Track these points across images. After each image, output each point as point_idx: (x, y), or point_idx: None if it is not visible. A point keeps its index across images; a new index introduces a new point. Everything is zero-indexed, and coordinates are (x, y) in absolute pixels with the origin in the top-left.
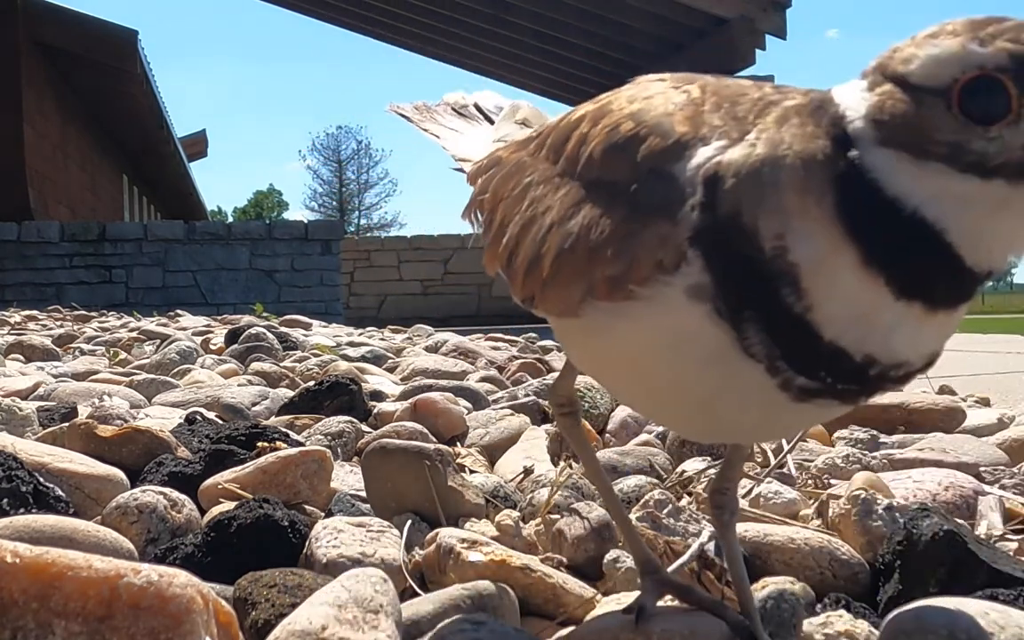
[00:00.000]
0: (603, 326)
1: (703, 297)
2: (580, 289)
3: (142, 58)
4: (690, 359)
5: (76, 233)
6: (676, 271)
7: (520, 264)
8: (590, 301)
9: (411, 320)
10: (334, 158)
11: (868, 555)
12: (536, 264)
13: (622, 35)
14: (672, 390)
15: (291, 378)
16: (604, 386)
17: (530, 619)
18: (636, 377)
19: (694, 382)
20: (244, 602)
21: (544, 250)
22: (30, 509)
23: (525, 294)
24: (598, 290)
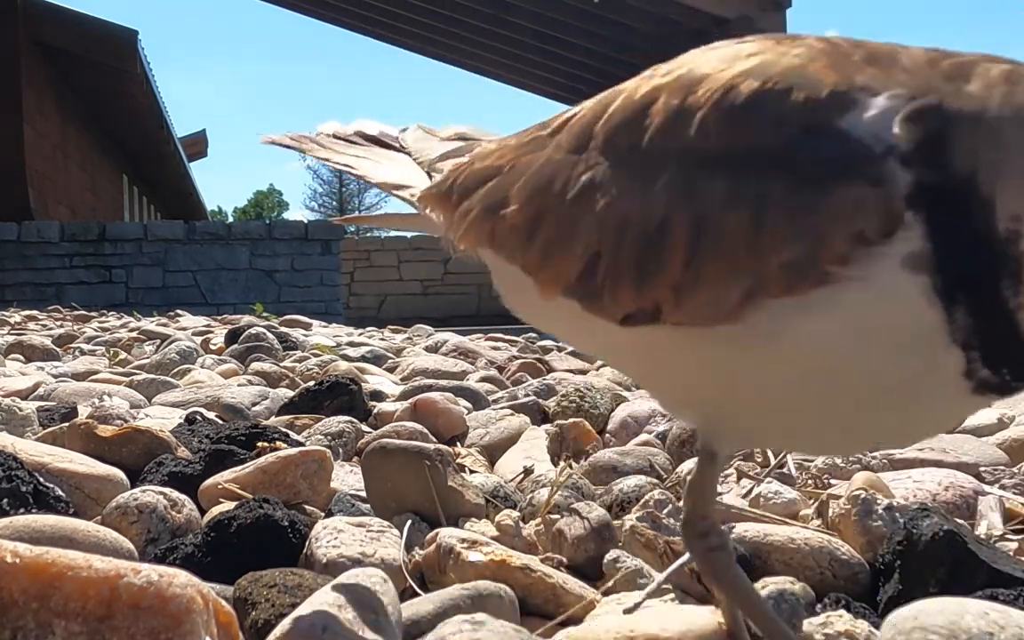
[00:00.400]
0: (775, 328)
1: (922, 268)
2: (740, 287)
3: (142, 58)
4: (893, 347)
5: (76, 233)
6: (888, 239)
7: (621, 273)
8: (756, 300)
9: (411, 320)
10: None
11: (868, 555)
12: (654, 268)
13: (622, 35)
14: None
15: (291, 378)
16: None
17: (530, 619)
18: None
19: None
20: (244, 602)
21: (665, 248)
22: (30, 509)
23: (638, 306)
24: (771, 283)
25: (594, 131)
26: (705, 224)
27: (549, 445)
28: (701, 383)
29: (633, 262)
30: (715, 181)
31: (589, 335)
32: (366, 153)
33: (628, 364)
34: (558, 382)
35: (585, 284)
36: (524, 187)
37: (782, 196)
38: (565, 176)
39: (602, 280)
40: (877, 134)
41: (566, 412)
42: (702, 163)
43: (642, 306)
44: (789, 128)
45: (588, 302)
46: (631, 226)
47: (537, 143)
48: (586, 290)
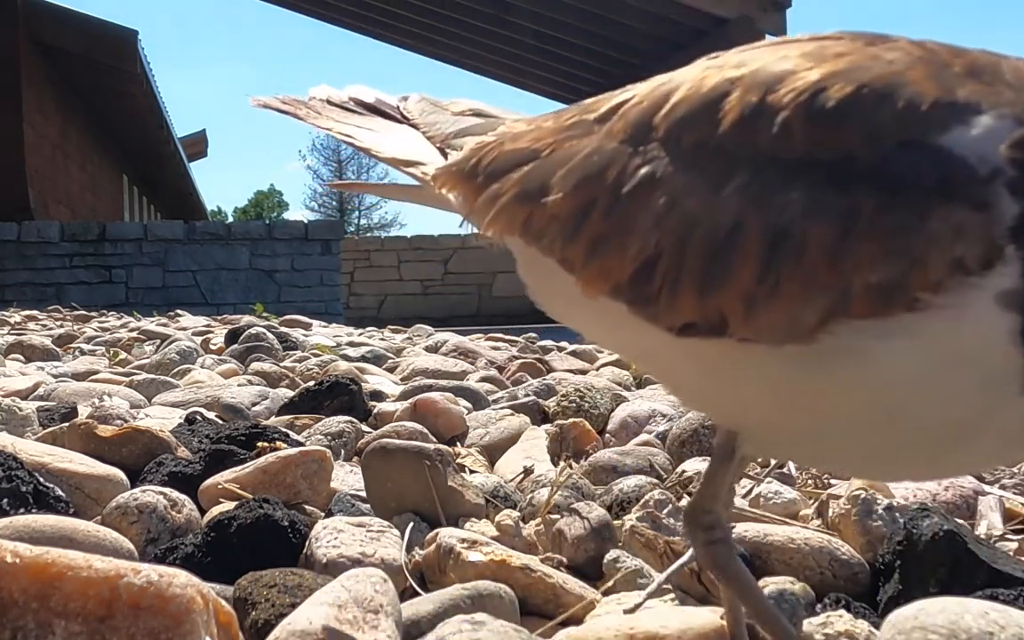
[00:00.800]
0: (851, 351)
1: (1014, 307)
2: (819, 305)
3: (142, 58)
4: (971, 384)
5: (76, 233)
6: (986, 271)
7: (683, 279)
8: (836, 320)
9: (411, 320)
10: (334, 158)
11: (868, 555)
12: (722, 277)
13: (622, 35)
14: (927, 424)
15: (291, 378)
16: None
17: (530, 619)
18: (874, 415)
19: (964, 413)
20: (244, 602)
21: (736, 256)
22: (30, 509)
23: (701, 316)
24: (856, 304)
25: (654, 121)
26: (783, 234)
27: (549, 445)
28: (757, 401)
29: (698, 268)
30: (795, 189)
31: (632, 340)
32: (369, 124)
33: (674, 375)
34: (558, 382)
35: (638, 287)
36: (569, 175)
37: (873, 212)
38: (620, 167)
39: (659, 284)
40: (982, 155)
41: (566, 412)
42: (781, 168)
43: (705, 316)
44: (884, 140)
45: (640, 306)
46: (697, 229)
47: (582, 128)
48: (639, 293)
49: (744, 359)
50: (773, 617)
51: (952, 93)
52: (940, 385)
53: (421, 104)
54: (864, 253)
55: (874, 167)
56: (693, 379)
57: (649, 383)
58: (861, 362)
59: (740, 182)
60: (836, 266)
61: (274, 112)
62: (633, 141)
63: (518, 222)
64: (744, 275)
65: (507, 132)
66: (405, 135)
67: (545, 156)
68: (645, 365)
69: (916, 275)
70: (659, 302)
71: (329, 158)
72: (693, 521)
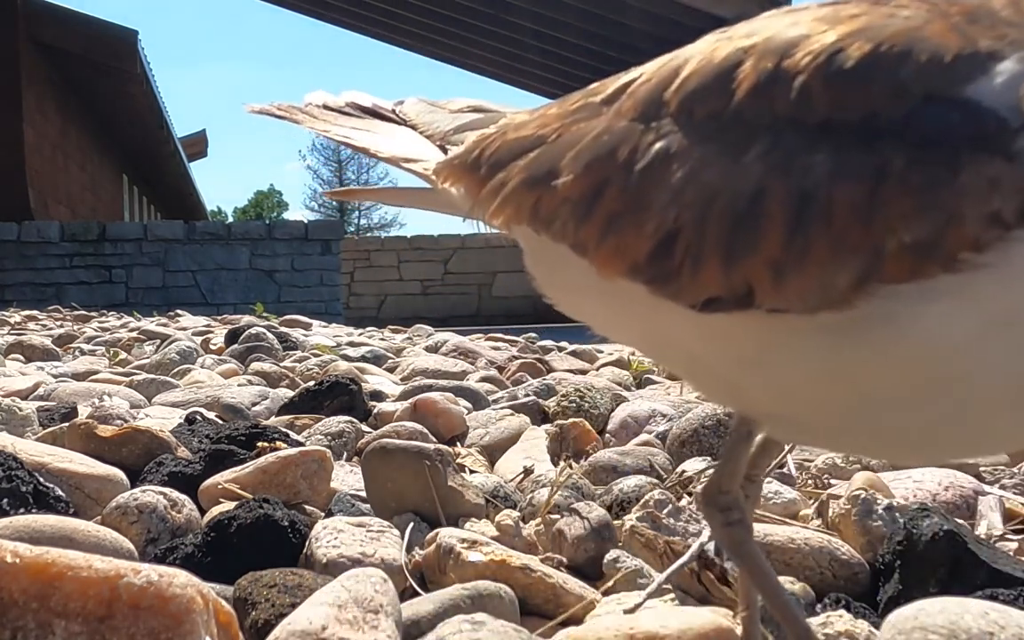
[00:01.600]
0: (891, 317)
1: None
2: (852, 268)
3: (142, 58)
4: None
5: (76, 233)
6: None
7: (705, 251)
8: (869, 284)
9: (411, 320)
10: (334, 159)
11: (868, 555)
12: (747, 245)
13: (622, 35)
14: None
15: (291, 378)
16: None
17: (530, 619)
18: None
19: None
20: (244, 602)
21: (761, 222)
22: (30, 509)
23: (726, 288)
24: (889, 265)
25: (664, 97)
26: (809, 197)
27: (549, 445)
28: (787, 378)
29: (721, 239)
30: (819, 151)
31: (650, 324)
32: (366, 125)
33: (695, 359)
34: (558, 382)
35: (658, 263)
36: (579, 156)
37: (902, 170)
38: (632, 145)
39: (680, 259)
40: (1012, 105)
41: (566, 412)
42: (802, 132)
43: (731, 288)
44: (909, 96)
45: (660, 284)
46: (718, 199)
47: (588, 110)
48: (659, 271)
49: (773, 332)
50: (788, 605)
51: (974, 44)
52: (987, 349)
53: (418, 106)
54: (895, 211)
55: (900, 124)
56: (717, 360)
57: (649, 383)
58: (900, 328)
59: (760, 149)
60: (867, 226)
61: (271, 118)
62: (644, 118)
63: (526, 209)
64: (770, 241)
65: (509, 123)
66: (404, 135)
67: (552, 141)
68: (663, 354)
69: (952, 232)
70: (680, 278)
71: (329, 158)
72: (710, 502)
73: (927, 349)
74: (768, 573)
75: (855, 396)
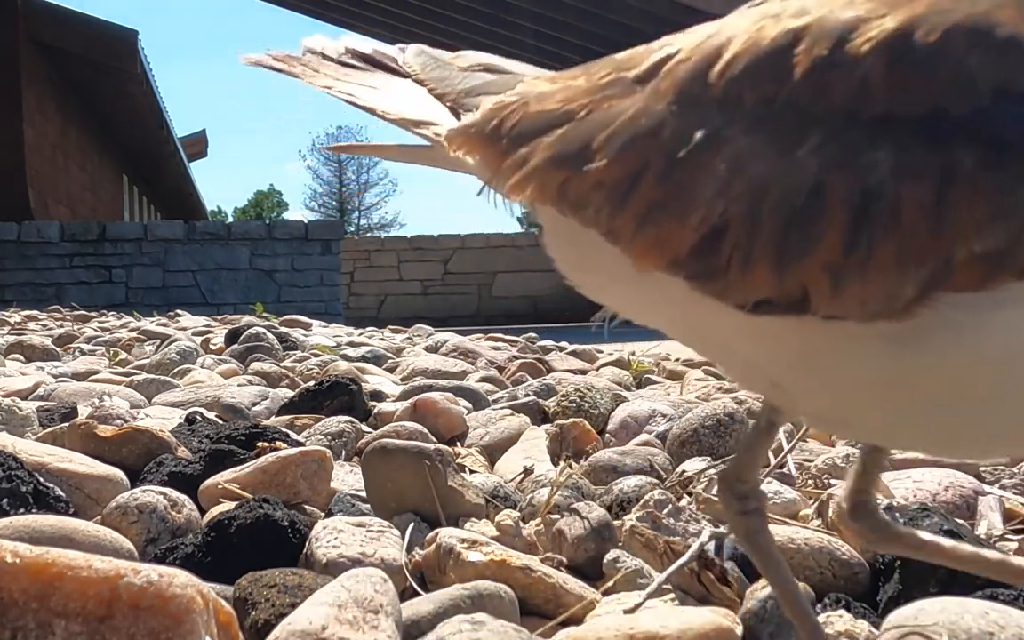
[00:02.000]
0: (958, 326)
1: None
2: (918, 276)
3: (142, 58)
4: None
5: (76, 233)
6: None
7: (756, 250)
8: (934, 294)
9: (411, 320)
10: (334, 158)
11: (868, 555)
12: (804, 247)
13: (622, 35)
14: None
15: (291, 378)
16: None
17: (530, 619)
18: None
19: None
20: (244, 602)
21: (819, 223)
22: (30, 509)
23: (779, 291)
24: (959, 273)
25: (708, 79)
26: (873, 197)
27: (549, 445)
28: (840, 384)
29: (774, 238)
30: (880, 147)
31: (688, 316)
32: (370, 80)
33: (737, 356)
34: (558, 382)
35: (701, 260)
36: (614, 138)
37: (973, 171)
38: (674, 128)
39: (727, 257)
40: None
41: (566, 412)
42: (862, 125)
43: (784, 292)
44: (980, 90)
45: (703, 281)
46: (770, 194)
47: (620, 87)
48: (703, 267)
49: (827, 338)
50: (799, 601)
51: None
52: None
53: (422, 57)
54: (967, 216)
55: (971, 120)
56: (762, 360)
57: (649, 383)
58: (964, 336)
59: (816, 142)
60: (936, 233)
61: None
62: (686, 100)
63: (551, 189)
64: (829, 244)
65: (530, 91)
66: (411, 92)
67: (581, 118)
68: (698, 345)
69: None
70: (727, 277)
71: (329, 158)
72: (728, 489)
73: (992, 356)
74: (780, 566)
75: (912, 400)
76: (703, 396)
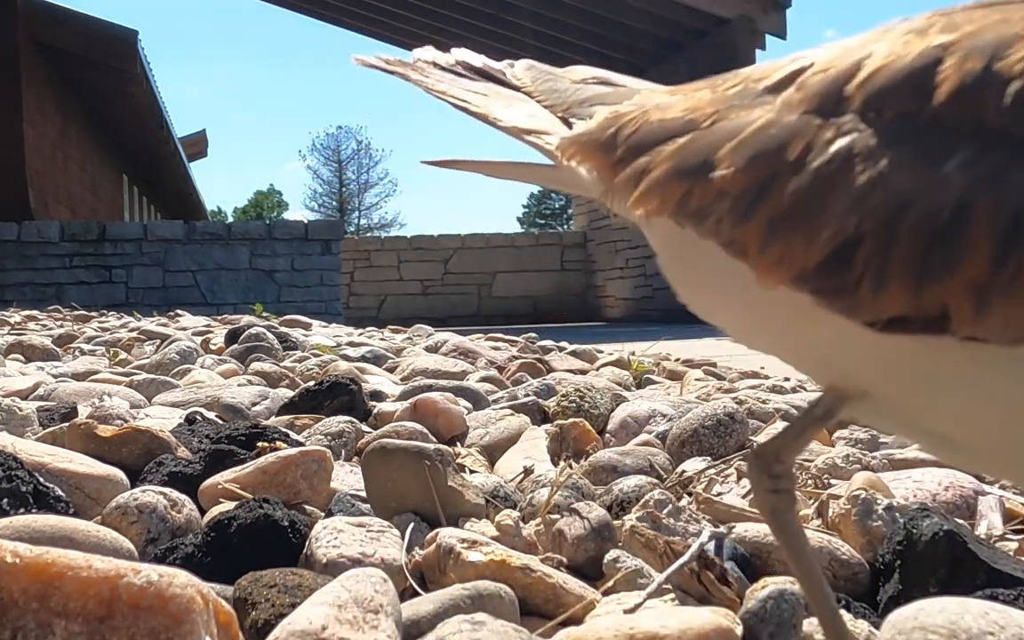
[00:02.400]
0: None
1: None
2: None
3: (142, 58)
4: None
5: (76, 233)
6: None
7: (892, 266)
8: None
9: (411, 320)
10: (334, 158)
11: (868, 555)
12: (945, 264)
13: (622, 35)
14: None
15: (291, 378)
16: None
17: (530, 619)
18: None
19: None
20: (244, 602)
21: (963, 241)
22: (30, 509)
23: (916, 309)
24: None
25: (845, 92)
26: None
27: (549, 445)
28: (971, 408)
29: (913, 254)
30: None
31: (807, 334)
32: (482, 89)
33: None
34: (558, 382)
35: (831, 274)
36: (741, 148)
37: None
38: (806, 141)
39: (860, 272)
40: None
41: (566, 412)
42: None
43: (922, 310)
44: None
45: (831, 297)
46: (911, 209)
47: (748, 97)
48: (831, 282)
49: (965, 361)
50: (821, 588)
51: None
52: None
53: (531, 71)
54: None
55: None
56: (888, 380)
57: (649, 383)
58: None
59: (963, 159)
60: None
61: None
62: (821, 112)
63: (672, 200)
64: (975, 263)
65: (647, 101)
66: (521, 103)
67: (706, 127)
68: (814, 365)
69: None
70: (858, 292)
71: (329, 158)
72: (762, 465)
73: None
74: (804, 550)
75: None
76: (703, 396)
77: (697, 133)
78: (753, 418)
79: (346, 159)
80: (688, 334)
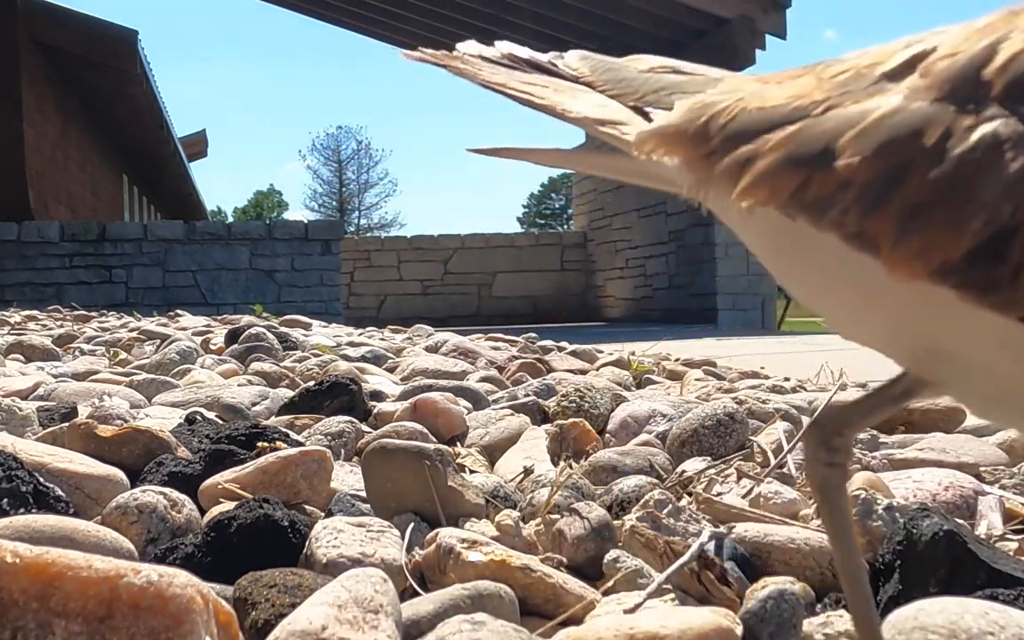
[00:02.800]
0: None
1: None
2: None
3: (142, 58)
4: None
5: (76, 233)
6: None
7: None
8: None
9: (411, 320)
10: (334, 158)
11: (868, 555)
12: None
13: (622, 35)
14: None
15: (291, 378)
16: None
17: (530, 619)
18: None
19: None
20: (244, 602)
21: None
22: (30, 509)
23: None
24: None
25: (983, 76)
26: None
27: (549, 445)
28: None
29: None
30: None
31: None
32: (542, 80)
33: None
34: (558, 382)
35: (980, 267)
36: (865, 135)
37: None
38: (943, 128)
39: (1016, 264)
40: None
41: (566, 412)
42: None
43: None
44: None
45: (979, 291)
46: None
47: (864, 83)
48: (980, 275)
49: None
50: (859, 574)
51: None
52: None
53: (589, 62)
54: None
55: None
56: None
57: (649, 383)
58: None
59: None
60: None
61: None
62: (956, 99)
63: (785, 190)
64: None
65: (738, 89)
66: (585, 94)
67: (817, 116)
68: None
69: None
70: (1015, 286)
71: (329, 158)
72: (821, 436)
73: None
74: (848, 533)
75: None
76: (703, 396)
77: (810, 120)
78: (753, 418)
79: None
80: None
